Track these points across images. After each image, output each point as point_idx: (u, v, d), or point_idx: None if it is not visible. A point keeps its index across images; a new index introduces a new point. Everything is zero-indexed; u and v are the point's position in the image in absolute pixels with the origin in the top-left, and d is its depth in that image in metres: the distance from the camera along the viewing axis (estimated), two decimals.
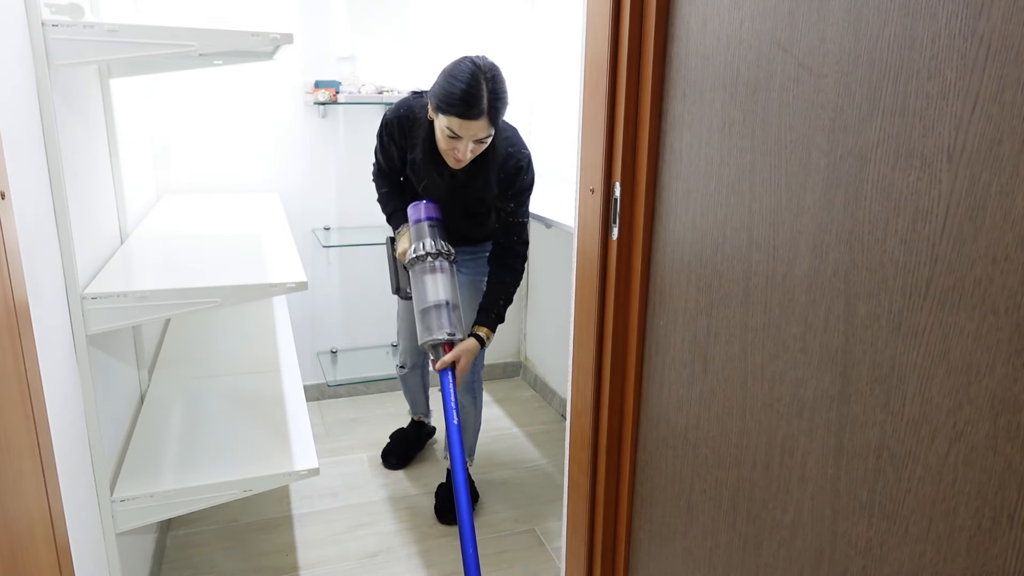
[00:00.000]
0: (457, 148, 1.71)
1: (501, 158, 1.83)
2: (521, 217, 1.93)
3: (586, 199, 1.22)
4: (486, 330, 1.91)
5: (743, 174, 0.89)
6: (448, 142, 1.71)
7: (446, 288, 1.82)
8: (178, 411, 1.73)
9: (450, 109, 1.64)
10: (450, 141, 1.70)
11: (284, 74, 2.66)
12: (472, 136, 1.68)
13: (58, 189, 1.16)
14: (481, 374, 2.18)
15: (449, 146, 1.72)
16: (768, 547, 0.91)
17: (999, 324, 0.60)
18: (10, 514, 0.80)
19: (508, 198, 1.88)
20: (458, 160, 1.74)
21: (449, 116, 1.65)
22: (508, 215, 1.91)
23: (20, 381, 0.87)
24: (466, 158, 1.72)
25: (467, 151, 1.70)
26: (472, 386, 2.16)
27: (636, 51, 1.07)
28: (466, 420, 2.20)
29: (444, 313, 1.82)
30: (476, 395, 2.17)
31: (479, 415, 2.24)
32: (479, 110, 1.63)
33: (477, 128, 1.66)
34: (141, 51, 1.16)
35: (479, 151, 1.74)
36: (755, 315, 0.89)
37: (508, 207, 1.90)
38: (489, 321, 1.92)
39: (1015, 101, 0.58)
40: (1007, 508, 0.61)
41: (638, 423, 1.20)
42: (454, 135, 1.68)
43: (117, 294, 1.24)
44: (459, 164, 1.77)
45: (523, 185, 1.88)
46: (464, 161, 1.74)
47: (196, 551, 2.00)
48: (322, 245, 2.80)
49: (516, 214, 1.92)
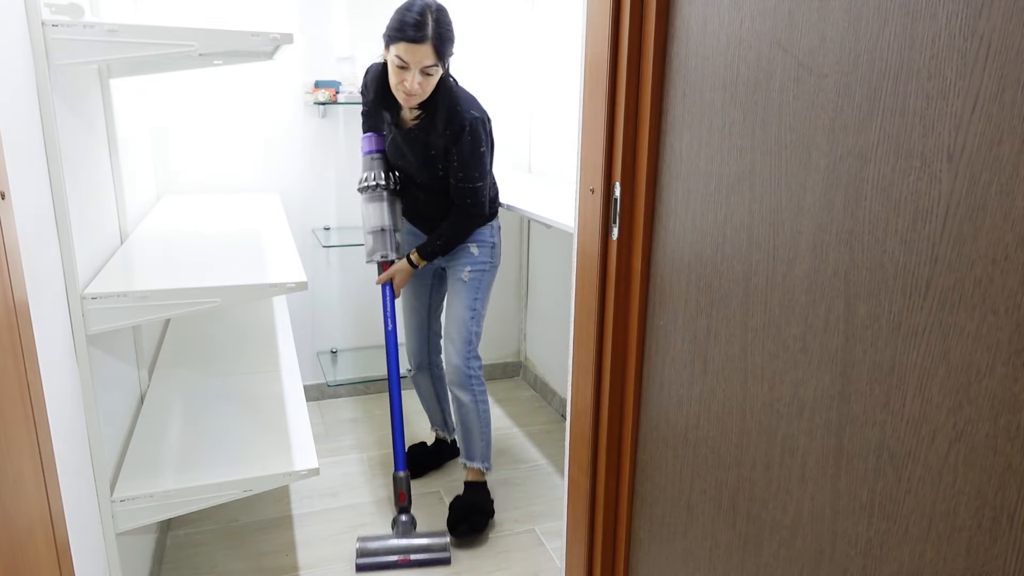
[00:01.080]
0: (405, 79, 1.81)
1: (447, 113, 1.91)
2: (469, 183, 1.98)
3: (586, 199, 1.22)
4: (416, 254, 2.08)
5: (743, 174, 0.89)
6: (397, 74, 1.82)
7: (387, 214, 2.10)
8: (178, 411, 1.73)
9: (398, 35, 1.77)
10: (399, 73, 1.82)
11: (284, 74, 2.66)
12: (418, 63, 1.78)
13: (58, 189, 1.16)
14: (479, 370, 2.14)
15: (398, 79, 1.82)
16: (768, 547, 0.91)
17: (999, 324, 0.60)
18: (10, 514, 0.80)
19: (452, 160, 1.95)
20: (407, 93, 1.83)
21: (397, 43, 1.78)
22: (456, 179, 1.97)
23: (20, 381, 0.87)
24: (414, 89, 1.81)
25: (414, 82, 1.80)
26: (469, 383, 2.11)
27: (636, 51, 1.07)
28: (467, 421, 2.15)
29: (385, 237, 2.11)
30: (475, 392, 2.12)
31: (483, 415, 2.15)
32: (424, 34, 1.76)
33: (423, 54, 1.77)
34: (141, 51, 1.16)
35: (427, 87, 1.84)
36: (755, 315, 0.89)
37: (455, 170, 1.96)
38: (422, 248, 2.07)
39: (1015, 101, 0.58)
40: (1007, 508, 0.61)
41: (638, 423, 1.20)
42: (402, 64, 1.79)
43: (117, 294, 1.24)
44: (409, 99, 1.85)
45: (467, 145, 1.93)
46: (413, 95, 1.83)
47: (196, 551, 2.00)
48: (322, 245, 2.80)
49: (465, 179, 1.97)
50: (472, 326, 2.10)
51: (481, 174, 1.99)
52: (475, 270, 2.11)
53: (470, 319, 2.10)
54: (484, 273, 2.13)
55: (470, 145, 1.93)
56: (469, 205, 2.02)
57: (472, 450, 2.16)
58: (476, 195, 2.01)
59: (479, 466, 2.16)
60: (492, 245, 2.14)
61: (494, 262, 2.16)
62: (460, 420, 2.15)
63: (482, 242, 2.12)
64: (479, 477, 2.17)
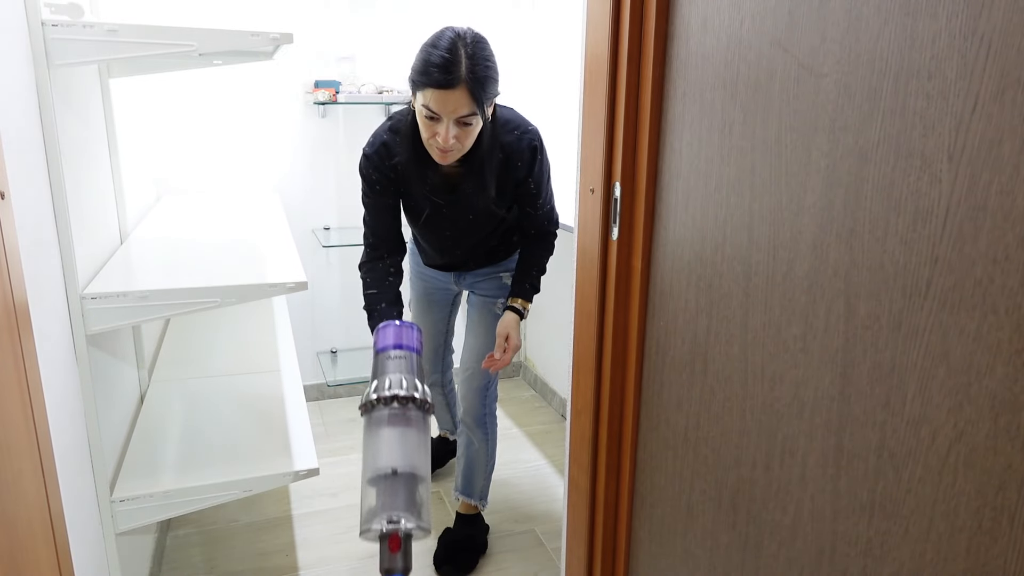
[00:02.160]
0: (438, 132, 1.48)
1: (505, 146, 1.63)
2: (548, 204, 1.78)
3: (586, 199, 1.22)
4: (522, 301, 1.80)
5: (743, 174, 0.89)
6: (428, 127, 1.50)
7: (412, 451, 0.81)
8: (178, 411, 1.73)
9: (425, 79, 1.44)
10: (430, 126, 1.49)
11: (284, 74, 2.66)
12: (452, 113, 1.45)
13: (58, 189, 1.16)
14: (494, 406, 1.98)
15: (430, 132, 1.50)
16: (768, 547, 0.91)
17: (999, 324, 0.60)
18: (10, 514, 0.80)
19: (531, 187, 1.70)
20: (442, 150, 1.51)
21: (425, 90, 1.45)
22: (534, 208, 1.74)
23: (20, 381, 0.87)
24: (448, 145, 1.49)
25: (448, 135, 1.47)
26: (483, 420, 1.95)
27: (636, 51, 1.07)
28: (473, 458, 1.99)
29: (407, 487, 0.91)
30: (488, 430, 1.96)
31: (491, 454, 2.01)
32: (456, 76, 1.42)
33: (456, 101, 1.44)
34: (141, 51, 1.16)
35: (465, 139, 1.51)
36: (755, 315, 0.89)
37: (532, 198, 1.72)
38: (523, 291, 1.80)
39: (1015, 101, 0.58)
40: (1007, 508, 0.61)
41: (638, 423, 1.20)
42: (432, 115, 1.47)
43: (117, 294, 1.24)
44: (444, 157, 1.53)
45: (540, 167, 1.70)
46: (448, 151, 1.51)
47: (196, 551, 2.00)
48: (322, 245, 2.80)
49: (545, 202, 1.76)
50: None
51: (551, 191, 1.79)
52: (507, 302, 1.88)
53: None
54: None
55: (542, 165, 1.71)
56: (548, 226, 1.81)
57: (472, 487, 2.02)
58: (552, 214, 1.83)
59: (476, 503, 2.03)
60: None
61: None
62: (465, 454, 2.00)
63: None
64: (473, 510, 2.05)
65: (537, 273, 1.83)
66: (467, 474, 2.01)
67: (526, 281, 1.82)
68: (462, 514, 2.04)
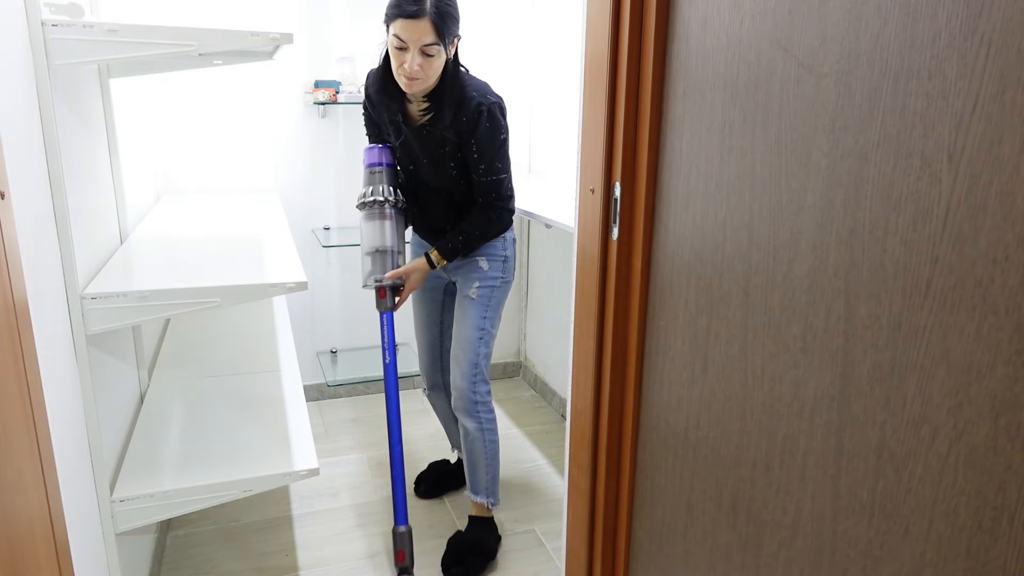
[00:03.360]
0: (404, 61, 1.66)
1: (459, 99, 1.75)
2: (492, 175, 1.82)
3: (586, 199, 1.22)
4: (436, 253, 1.88)
5: (743, 174, 0.89)
6: (397, 57, 1.68)
7: (391, 234, 1.90)
8: (178, 411, 1.73)
9: (394, 11, 1.64)
10: (398, 55, 1.67)
11: (284, 74, 2.66)
12: (416, 41, 1.64)
13: (58, 189, 1.16)
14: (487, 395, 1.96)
15: (398, 61, 1.68)
16: (768, 547, 0.91)
17: (999, 324, 0.60)
18: (10, 514, 0.80)
19: (472, 150, 1.78)
20: (408, 77, 1.68)
21: (394, 21, 1.65)
22: (477, 173, 1.81)
23: (20, 381, 0.87)
24: (414, 71, 1.66)
25: (414, 63, 1.65)
26: (475, 409, 1.95)
27: (636, 51, 1.07)
28: (472, 451, 1.99)
29: (386, 259, 1.90)
30: (480, 419, 1.96)
31: (489, 445, 1.98)
32: (421, 8, 1.62)
33: (421, 31, 1.63)
34: (141, 51, 1.16)
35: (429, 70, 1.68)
36: (755, 315, 0.89)
37: (475, 162, 1.79)
38: (442, 246, 1.87)
39: (1015, 101, 0.58)
40: (1007, 508, 0.61)
41: (638, 423, 1.20)
42: (400, 44, 1.65)
43: (117, 294, 1.24)
44: (411, 84, 1.70)
45: (487, 133, 1.76)
46: (414, 79, 1.68)
47: (196, 551, 2.00)
48: (322, 245, 2.80)
49: (488, 171, 1.81)
50: (480, 347, 1.93)
51: (504, 165, 1.84)
52: (484, 286, 1.93)
53: (477, 340, 1.93)
54: (494, 290, 1.95)
55: (489, 132, 1.77)
56: (494, 199, 1.85)
57: (476, 483, 2.01)
58: (500, 188, 1.85)
59: (483, 501, 2.01)
60: (504, 259, 1.96)
61: (506, 277, 1.97)
62: (465, 449, 2.00)
63: (493, 255, 1.94)
64: (484, 512, 2.03)
65: (462, 240, 1.87)
66: (470, 469, 2.01)
67: (448, 240, 1.89)
68: (473, 516, 2.03)
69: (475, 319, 1.93)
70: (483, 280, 1.93)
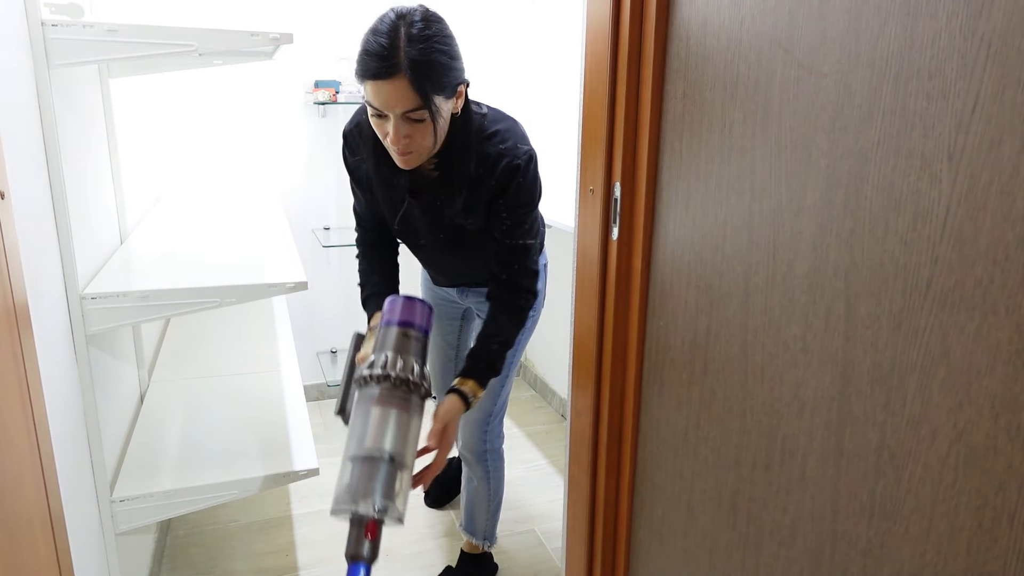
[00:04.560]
0: (388, 133, 1.24)
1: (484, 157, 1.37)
2: (521, 238, 1.42)
3: (586, 199, 1.22)
4: (472, 383, 1.36)
5: (743, 174, 0.89)
6: (379, 126, 1.26)
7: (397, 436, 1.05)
8: (178, 411, 1.73)
9: (362, 71, 1.21)
10: (380, 124, 1.26)
11: (284, 74, 2.66)
12: (393, 107, 1.21)
13: (58, 189, 1.16)
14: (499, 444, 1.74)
15: (381, 132, 1.27)
16: (768, 547, 0.91)
17: (999, 324, 0.60)
18: (10, 514, 0.79)
19: (500, 210, 1.39)
20: (399, 153, 1.27)
21: (365, 83, 1.22)
22: (502, 235, 1.41)
23: (20, 381, 0.87)
24: (399, 145, 1.25)
25: (398, 135, 1.23)
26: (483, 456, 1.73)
27: (636, 51, 1.07)
28: (473, 495, 1.84)
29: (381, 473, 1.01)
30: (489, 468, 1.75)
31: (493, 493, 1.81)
32: (394, 64, 1.17)
33: (397, 94, 1.19)
34: (141, 51, 1.16)
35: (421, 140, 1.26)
36: (755, 315, 0.89)
37: (502, 224, 1.40)
38: (477, 371, 1.39)
39: (1015, 101, 0.58)
40: (1007, 508, 0.61)
41: (638, 423, 1.20)
42: (377, 112, 1.24)
43: (117, 294, 1.24)
44: (404, 161, 1.29)
45: (520, 192, 1.38)
46: (406, 154, 1.28)
47: (196, 551, 2.00)
48: (322, 245, 2.80)
49: (513, 233, 1.41)
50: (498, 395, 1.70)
51: (533, 228, 1.44)
52: None
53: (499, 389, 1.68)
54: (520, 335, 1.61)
55: (523, 192, 1.38)
56: (517, 274, 1.43)
57: (473, 524, 1.88)
58: (526, 258, 1.43)
59: (478, 543, 1.90)
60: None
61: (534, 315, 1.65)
62: (466, 490, 1.84)
63: None
64: (477, 550, 1.93)
65: (499, 348, 1.42)
66: (469, 511, 1.89)
67: (483, 359, 1.39)
68: (466, 552, 1.93)
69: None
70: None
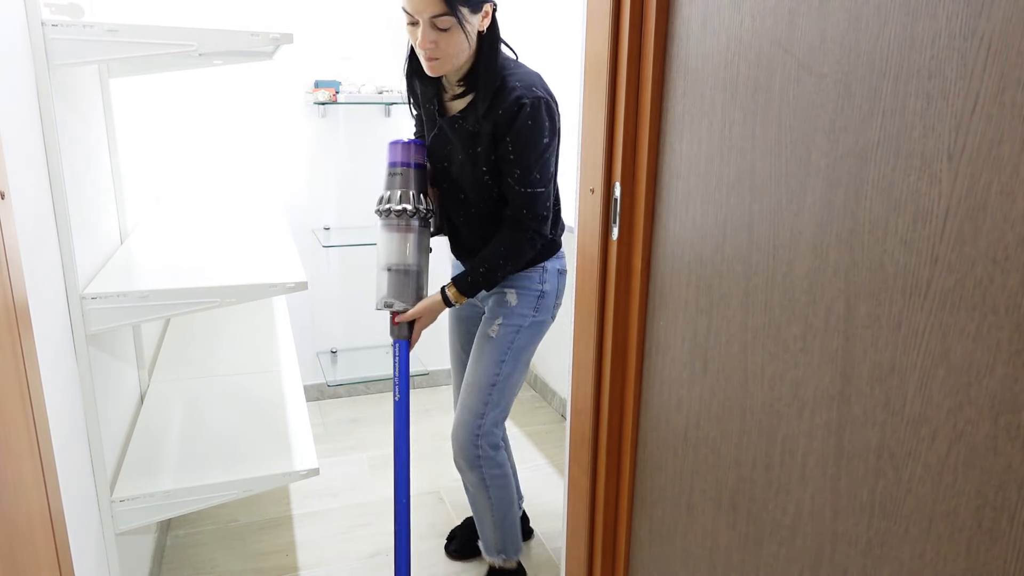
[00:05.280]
0: (418, 39, 1.42)
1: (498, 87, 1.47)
2: (528, 185, 1.49)
3: (586, 199, 1.22)
4: (455, 291, 1.57)
5: (743, 174, 0.89)
6: (412, 33, 1.44)
7: (413, 251, 1.57)
8: (178, 411, 1.73)
9: None
10: (412, 31, 1.44)
11: (284, 74, 2.66)
12: (422, 12, 1.38)
13: (58, 189, 1.16)
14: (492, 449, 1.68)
15: (413, 38, 1.45)
16: (768, 547, 0.91)
17: (999, 324, 0.60)
18: (10, 514, 0.79)
19: (508, 150, 1.48)
20: (427, 58, 1.44)
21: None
22: (513, 179, 1.50)
23: (20, 381, 0.87)
24: (428, 49, 1.42)
25: (426, 39, 1.40)
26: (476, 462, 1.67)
27: (636, 51, 1.07)
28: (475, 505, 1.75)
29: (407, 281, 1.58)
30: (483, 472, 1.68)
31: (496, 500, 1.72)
32: None
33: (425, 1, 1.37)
34: (141, 51, 1.16)
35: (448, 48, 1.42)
36: (755, 315, 0.89)
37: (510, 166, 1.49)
38: (460, 281, 1.57)
39: (1015, 101, 0.58)
40: (1007, 508, 0.61)
41: (638, 423, 1.20)
42: (411, 18, 1.41)
43: (117, 294, 1.24)
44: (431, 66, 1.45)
45: (526, 133, 1.45)
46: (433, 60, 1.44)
47: (196, 551, 2.00)
48: (322, 245, 2.80)
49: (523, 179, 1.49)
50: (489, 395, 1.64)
51: (544, 176, 1.51)
52: (508, 325, 1.62)
53: (488, 387, 1.63)
54: (520, 331, 1.63)
55: (530, 132, 1.46)
56: (526, 217, 1.52)
57: (485, 540, 1.79)
58: (536, 203, 1.52)
59: (495, 560, 1.79)
60: (540, 294, 1.63)
61: (539, 316, 1.64)
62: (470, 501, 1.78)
63: (525, 289, 1.62)
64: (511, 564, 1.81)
65: (483, 271, 1.55)
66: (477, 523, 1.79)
67: (468, 272, 1.57)
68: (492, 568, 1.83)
69: (489, 363, 1.63)
70: (508, 318, 1.62)
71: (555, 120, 1.52)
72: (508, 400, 1.68)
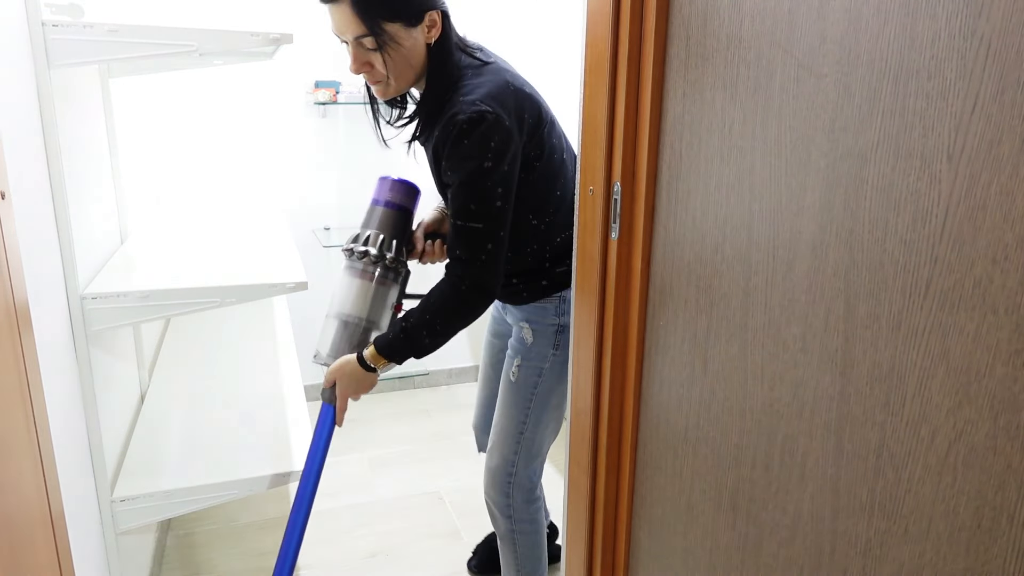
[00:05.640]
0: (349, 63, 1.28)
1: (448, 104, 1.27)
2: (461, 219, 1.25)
3: (586, 199, 1.22)
4: (371, 350, 1.33)
5: (743, 174, 0.89)
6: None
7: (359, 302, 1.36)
8: (178, 411, 1.73)
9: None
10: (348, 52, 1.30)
11: (284, 74, 2.66)
12: (343, 33, 1.23)
13: (58, 189, 1.16)
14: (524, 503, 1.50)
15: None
16: (768, 547, 0.91)
17: (999, 324, 0.60)
18: (10, 514, 0.80)
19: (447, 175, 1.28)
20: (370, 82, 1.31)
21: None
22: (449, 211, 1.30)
23: (20, 381, 0.87)
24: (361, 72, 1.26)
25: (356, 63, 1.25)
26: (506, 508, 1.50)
27: (636, 51, 1.07)
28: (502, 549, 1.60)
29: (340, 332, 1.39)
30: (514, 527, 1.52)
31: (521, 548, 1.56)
32: None
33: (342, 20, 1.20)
34: (141, 51, 1.16)
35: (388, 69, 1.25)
36: (755, 315, 0.89)
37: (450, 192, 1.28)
38: (384, 344, 1.32)
39: (1015, 101, 0.58)
40: (1007, 508, 0.61)
41: (638, 423, 1.20)
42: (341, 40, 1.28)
43: (117, 294, 1.24)
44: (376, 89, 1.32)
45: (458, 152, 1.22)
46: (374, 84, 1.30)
47: (196, 551, 2.00)
48: (322, 245, 2.80)
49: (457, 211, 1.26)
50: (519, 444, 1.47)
51: (482, 209, 1.24)
52: (527, 366, 1.43)
53: (518, 435, 1.46)
54: (541, 374, 1.43)
55: (462, 153, 1.22)
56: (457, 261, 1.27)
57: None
58: (470, 243, 1.25)
59: None
60: (558, 328, 1.40)
61: (560, 355, 1.42)
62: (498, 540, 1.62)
63: (541, 323, 1.41)
64: None
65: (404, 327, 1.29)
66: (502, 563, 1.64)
67: (391, 331, 1.33)
68: None
69: (515, 412, 1.46)
70: (527, 358, 1.43)
71: (507, 140, 1.24)
72: (541, 446, 1.50)
